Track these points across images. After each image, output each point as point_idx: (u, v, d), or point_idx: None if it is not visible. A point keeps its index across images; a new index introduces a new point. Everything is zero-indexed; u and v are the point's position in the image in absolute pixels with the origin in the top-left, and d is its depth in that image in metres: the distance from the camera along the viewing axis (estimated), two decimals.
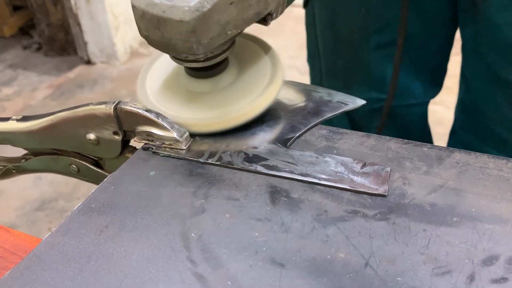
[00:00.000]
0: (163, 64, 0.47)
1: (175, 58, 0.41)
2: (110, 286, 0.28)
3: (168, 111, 0.42)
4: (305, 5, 0.80)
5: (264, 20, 0.40)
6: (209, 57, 0.39)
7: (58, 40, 2.49)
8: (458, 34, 0.73)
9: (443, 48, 0.75)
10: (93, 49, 2.41)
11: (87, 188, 1.56)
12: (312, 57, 0.83)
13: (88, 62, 2.44)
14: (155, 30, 0.37)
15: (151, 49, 2.55)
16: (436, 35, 0.72)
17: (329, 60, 0.79)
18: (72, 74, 2.35)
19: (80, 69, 2.40)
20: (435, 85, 0.81)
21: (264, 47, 0.46)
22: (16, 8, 2.77)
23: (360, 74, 0.77)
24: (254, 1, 0.37)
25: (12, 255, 0.34)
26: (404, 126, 0.82)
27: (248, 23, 0.39)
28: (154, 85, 0.45)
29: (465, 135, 0.76)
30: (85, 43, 2.40)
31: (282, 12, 0.41)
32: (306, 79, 0.77)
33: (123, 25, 2.39)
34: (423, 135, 0.88)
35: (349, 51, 0.75)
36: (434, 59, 0.76)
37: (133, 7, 0.37)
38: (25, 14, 2.74)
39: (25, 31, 2.76)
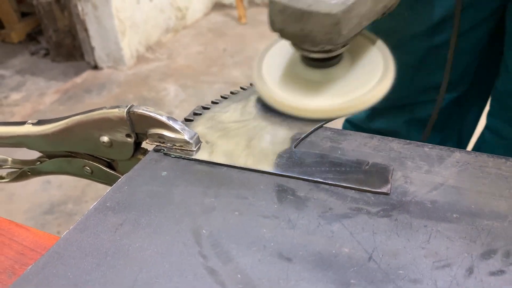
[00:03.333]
0: (274, 56, 0.48)
1: (300, 48, 0.42)
2: (126, 279, 0.30)
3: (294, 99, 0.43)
4: None
5: (382, 14, 0.43)
6: (338, 47, 0.42)
7: (65, 46, 2.52)
8: None
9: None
10: (100, 54, 2.44)
11: (95, 192, 1.58)
12: None
13: (95, 67, 2.46)
14: (295, 24, 0.38)
15: (158, 53, 2.58)
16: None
17: None
18: (79, 79, 2.38)
19: (87, 74, 2.43)
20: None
21: (371, 39, 0.48)
22: (23, 15, 2.81)
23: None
24: None
25: (31, 251, 0.36)
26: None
27: (377, 16, 0.41)
28: (271, 75, 0.46)
29: (496, 122, 0.76)
30: (92, 48, 2.42)
31: (395, 7, 0.44)
32: None
33: (129, 30, 2.42)
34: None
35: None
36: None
37: (272, 2, 0.39)
38: (33, 21, 2.78)
39: (32, 37, 2.79)
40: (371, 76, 0.44)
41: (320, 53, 0.42)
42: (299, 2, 0.37)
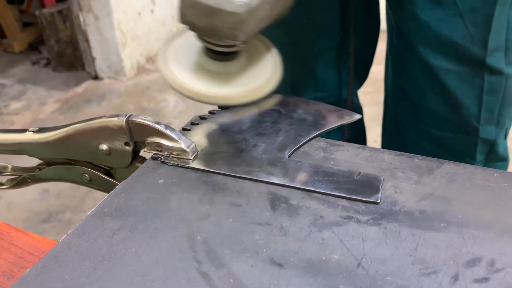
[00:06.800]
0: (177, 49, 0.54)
1: (205, 41, 0.48)
2: (122, 283, 0.31)
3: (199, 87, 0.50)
4: None
5: (276, 20, 0.48)
6: (240, 44, 0.48)
7: (66, 56, 2.54)
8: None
9: (370, 43, 0.84)
10: (100, 65, 2.46)
11: (93, 201, 1.59)
12: None
13: (96, 77, 2.48)
14: (204, 18, 0.44)
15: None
16: (363, 32, 0.80)
17: None
18: (79, 89, 2.40)
19: (88, 84, 2.44)
20: (362, 78, 0.90)
21: (268, 47, 0.55)
22: (25, 25, 2.84)
23: (306, 79, 0.85)
24: (280, 4, 0.47)
25: (30, 255, 0.37)
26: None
27: (272, 20, 0.47)
28: (175, 62, 0.52)
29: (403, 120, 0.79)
30: (93, 59, 2.45)
31: (285, 15, 0.50)
32: None
33: (130, 41, 2.44)
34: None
35: (295, 61, 0.82)
36: (362, 55, 0.84)
37: None
38: (35, 31, 2.81)
39: (34, 47, 2.82)
40: (259, 76, 0.52)
41: (222, 47, 0.48)
42: (210, 0, 0.42)
